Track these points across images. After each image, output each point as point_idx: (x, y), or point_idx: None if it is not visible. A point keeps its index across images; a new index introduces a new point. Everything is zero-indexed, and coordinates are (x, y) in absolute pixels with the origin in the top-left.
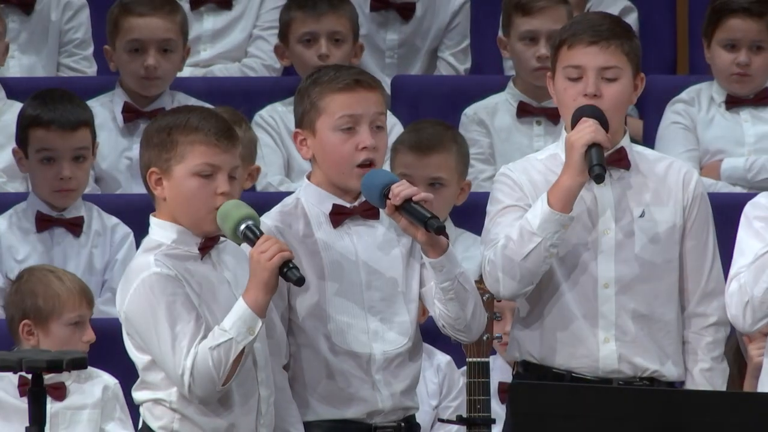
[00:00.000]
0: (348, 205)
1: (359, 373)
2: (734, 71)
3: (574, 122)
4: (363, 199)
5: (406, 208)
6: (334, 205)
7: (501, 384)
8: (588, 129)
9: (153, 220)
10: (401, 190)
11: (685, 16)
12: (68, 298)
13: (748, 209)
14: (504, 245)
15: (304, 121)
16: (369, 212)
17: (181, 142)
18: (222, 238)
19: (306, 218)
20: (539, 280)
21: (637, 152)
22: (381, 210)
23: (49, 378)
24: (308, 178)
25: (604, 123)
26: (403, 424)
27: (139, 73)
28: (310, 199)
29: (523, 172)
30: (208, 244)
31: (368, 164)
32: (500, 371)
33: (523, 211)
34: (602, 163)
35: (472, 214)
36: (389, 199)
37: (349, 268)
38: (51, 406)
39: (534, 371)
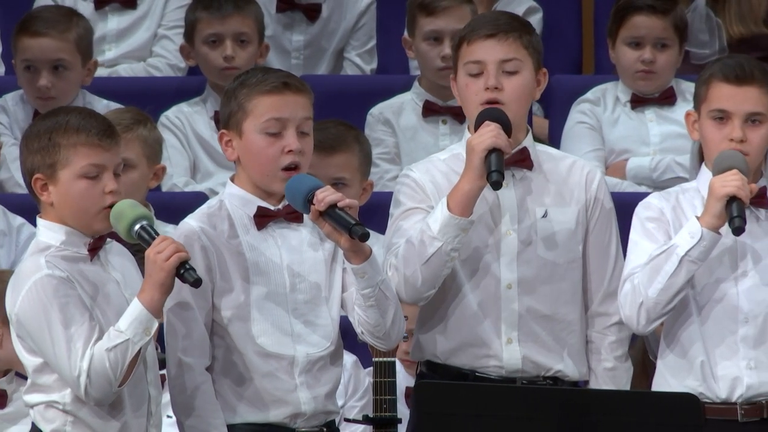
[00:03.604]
0: (272, 207)
1: (282, 375)
2: (639, 69)
3: (478, 125)
4: (287, 202)
5: (330, 214)
6: (259, 208)
7: (408, 389)
8: (490, 134)
9: (41, 222)
10: (325, 195)
11: (590, 17)
12: None
13: (640, 210)
14: (405, 250)
15: (230, 122)
16: (293, 215)
17: (63, 146)
18: (108, 239)
19: (230, 220)
20: (443, 283)
21: (541, 151)
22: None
23: None
24: (232, 180)
25: (507, 128)
26: (324, 429)
27: (34, 93)
28: (234, 201)
29: (426, 172)
30: (97, 245)
31: (293, 168)
32: (405, 375)
33: (425, 213)
34: (500, 169)
35: (375, 213)
36: (313, 204)
37: (274, 271)
38: None
39: (438, 371)
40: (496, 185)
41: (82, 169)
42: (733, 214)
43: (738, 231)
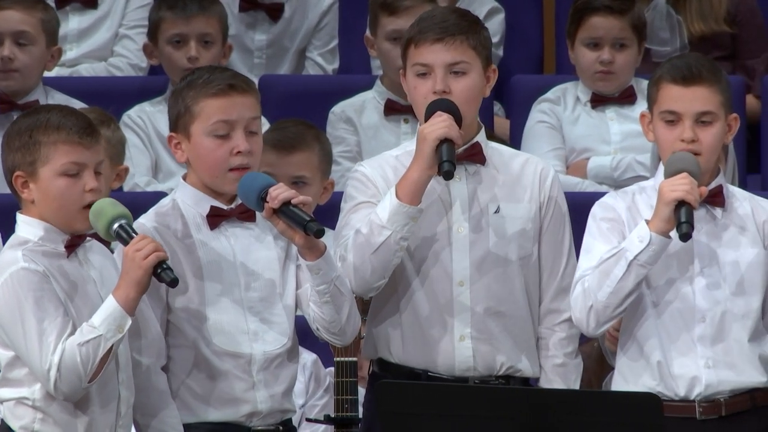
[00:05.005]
0: (225, 207)
1: (240, 373)
2: (598, 69)
3: (428, 115)
4: (239, 201)
5: (284, 211)
6: (212, 207)
7: None
8: (441, 124)
9: (20, 217)
10: (279, 193)
11: (551, 17)
12: None
13: (596, 210)
14: (354, 239)
15: (178, 124)
16: (246, 214)
17: (44, 143)
18: (88, 237)
19: (183, 219)
20: (393, 279)
21: (493, 148)
22: (258, 213)
23: None
24: (184, 179)
25: (458, 118)
26: (281, 427)
27: None
28: (187, 201)
29: (377, 168)
30: (74, 242)
31: (243, 168)
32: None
33: (375, 207)
34: (452, 159)
35: (336, 211)
36: (267, 202)
37: (228, 269)
38: None
39: (390, 370)
40: (448, 175)
41: (63, 166)
42: (681, 219)
43: (685, 237)
